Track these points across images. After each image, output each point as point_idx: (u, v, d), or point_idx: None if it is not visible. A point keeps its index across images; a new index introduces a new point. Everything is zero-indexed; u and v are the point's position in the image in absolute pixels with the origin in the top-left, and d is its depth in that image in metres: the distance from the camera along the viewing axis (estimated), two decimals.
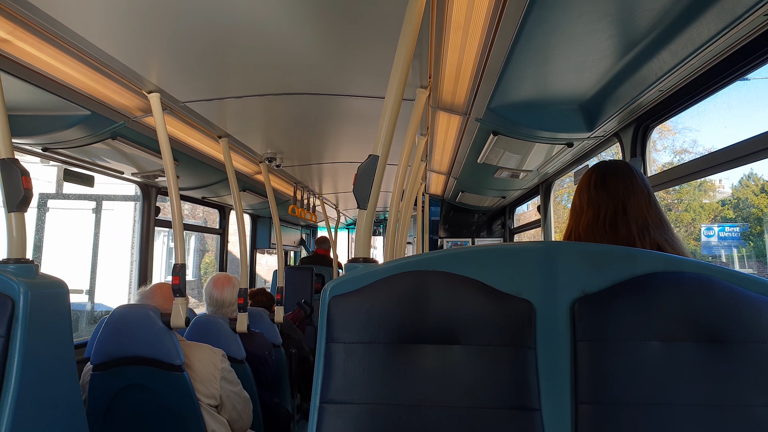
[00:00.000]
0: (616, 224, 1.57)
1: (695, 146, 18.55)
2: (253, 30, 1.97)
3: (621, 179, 1.64)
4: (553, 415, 1.15)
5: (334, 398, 1.18)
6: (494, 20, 1.79)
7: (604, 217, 1.59)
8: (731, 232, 12.68)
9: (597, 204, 1.62)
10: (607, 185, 1.64)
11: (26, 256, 1.76)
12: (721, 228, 12.87)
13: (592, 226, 1.60)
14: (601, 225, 1.58)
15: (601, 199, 1.62)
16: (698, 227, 14.93)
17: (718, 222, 14.06)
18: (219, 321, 3.18)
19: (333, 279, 1.32)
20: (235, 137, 3.45)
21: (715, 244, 12.63)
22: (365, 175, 1.54)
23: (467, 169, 4.17)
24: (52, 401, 1.73)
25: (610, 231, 1.56)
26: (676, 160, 18.95)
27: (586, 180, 1.71)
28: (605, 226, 1.58)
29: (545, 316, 1.19)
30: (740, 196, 14.39)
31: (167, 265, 18.93)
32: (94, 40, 1.98)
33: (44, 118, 2.68)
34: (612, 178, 1.65)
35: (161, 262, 18.67)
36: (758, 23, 1.56)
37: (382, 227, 9.99)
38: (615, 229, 1.56)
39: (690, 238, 15.98)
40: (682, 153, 19.40)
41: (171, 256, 19.41)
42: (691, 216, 15.94)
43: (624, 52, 1.94)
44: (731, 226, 13.04)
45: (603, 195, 1.63)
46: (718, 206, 15.35)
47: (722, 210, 14.71)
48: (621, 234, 1.54)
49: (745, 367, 1.11)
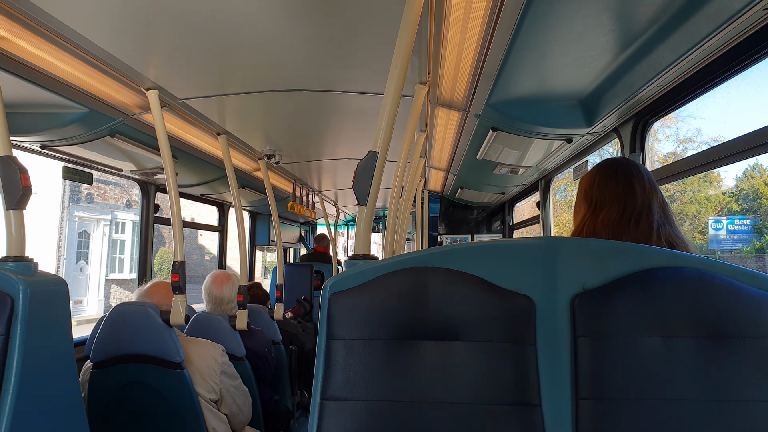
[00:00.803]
0: (640, 220, 1.56)
1: (699, 135, 18.40)
2: (252, 26, 1.96)
3: (645, 177, 1.64)
4: (554, 410, 1.15)
5: (335, 395, 1.18)
6: (493, 16, 1.78)
7: (630, 214, 1.58)
8: (742, 225, 12.23)
9: (624, 199, 1.61)
10: (635, 181, 1.63)
11: (25, 254, 1.76)
12: (731, 220, 12.43)
13: (615, 221, 1.58)
14: (626, 221, 1.57)
15: (630, 194, 1.61)
16: (703, 220, 14.60)
17: (724, 214, 13.71)
18: (218, 318, 3.18)
19: (333, 276, 1.31)
20: (234, 134, 3.45)
21: (724, 237, 12.18)
22: (365, 172, 1.54)
23: (466, 165, 4.17)
24: (52, 399, 1.73)
25: (634, 226, 1.55)
26: (679, 150, 18.77)
27: (610, 175, 1.68)
28: (630, 222, 1.56)
29: (545, 311, 1.19)
30: (744, 187, 14.10)
31: (108, 260, 18.19)
32: (92, 38, 1.97)
33: (42, 115, 2.68)
34: (638, 175, 1.64)
35: (100, 257, 17.88)
36: (757, 17, 1.56)
37: (381, 224, 9.99)
38: (638, 224, 1.55)
39: (695, 231, 15.69)
40: (686, 142, 19.22)
41: (115, 249, 18.60)
42: (695, 208, 15.66)
43: (623, 47, 1.94)
44: (741, 218, 12.65)
45: (630, 191, 1.61)
46: (724, 198, 15.03)
47: (729, 202, 14.36)
48: (643, 229, 1.54)
49: (746, 362, 1.11)
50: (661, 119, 2.44)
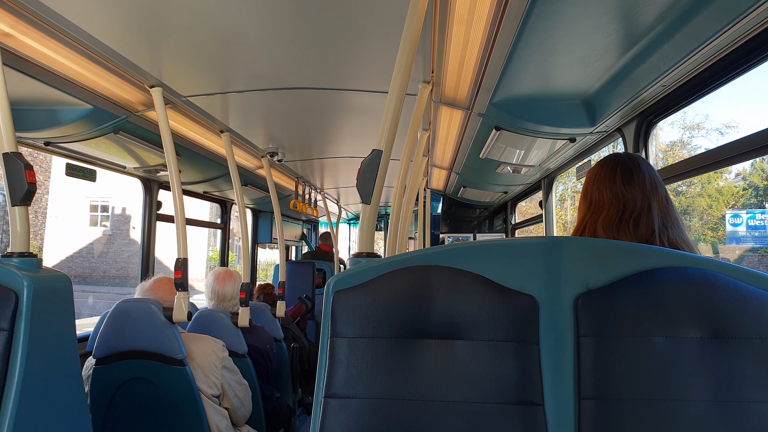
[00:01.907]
0: (639, 222, 1.54)
1: (708, 120, 18.03)
2: (256, 24, 1.97)
3: (646, 175, 1.60)
4: (557, 410, 1.15)
5: (338, 393, 1.19)
6: (497, 15, 1.78)
7: (630, 214, 1.55)
8: (764, 220, 11.21)
9: (624, 200, 1.58)
10: (635, 180, 1.59)
11: (29, 249, 1.77)
12: (751, 215, 11.48)
13: (616, 222, 1.56)
14: (626, 222, 1.54)
15: (629, 194, 1.58)
16: (715, 214, 13.88)
17: (737, 208, 12.86)
18: (220, 315, 3.19)
19: (335, 274, 1.31)
20: (237, 132, 3.46)
21: (743, 234, 11.25)
22: (369, 170, 1.55)
23: (469, 164, 4.17)
24: (56, 395, 1.74)
25: (633, 228, 1.53)
26: (686, 137, 18.53)
27: (609, 173, 1.65)
28: (630, 223, 1.54)
29: (549, 311, 1.19)
30: (753, 180, 13.51)
31: None
32: (97, 35, 1.98)
33: (47, 112, 2.69)
34: (638, 174, 1.61)
35: None
36: (763, 17, 1.55)
37: (384, 222, 9.99)
38: (638, 226, 1.53)
39: (705, 228, 15.10)
40: (693, 129, 18.93)
41: None
42: (707, 202, 15.08)
43: (627, 47, 1.94)
44: (763, 212, 11.69)
45: (631, 191, 1.58)
46: (738, 190, 14.34)
47: (743, 194, 13.66)
48: (642, 232, 1.52)
49: (749, 363, 1.11)
50: None
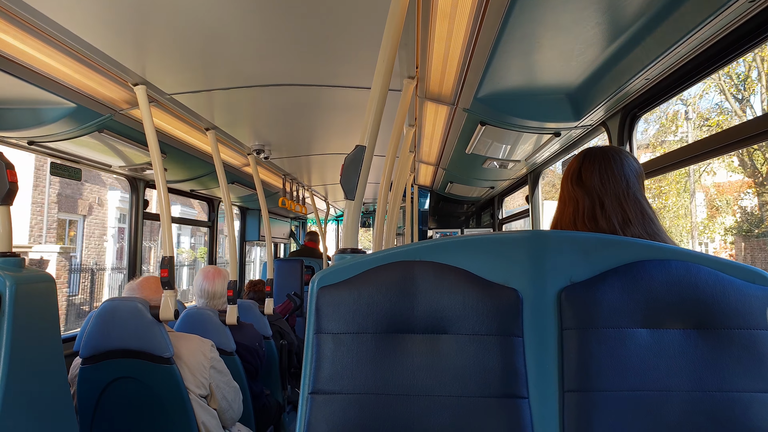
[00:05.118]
0: (595, 218, 1.54)
1: None
2: (240, 21, 1.96)
3: (597, 172, 1.60)
4: (541, 403, 1.16)
5: (323, 388, 1.19)
6: (480, 9, 1.78)
7: (583, 212, 1.56)
8: None
9: (575, 199, 1.60)
10: (582, 180, 1.60)
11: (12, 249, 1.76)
12: None
13: (574, 219, 1.58)
14: (581, 219, 1.56)
15: (578, 194, 1.59)
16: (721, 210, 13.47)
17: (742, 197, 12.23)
18: (208, 313, 3.18)
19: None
20: (223, 129, 3.44)
21: None
22: (352, 166, 1.54)
23: (456, 159, 4.17)
24: (41, 395, 1.73)
25: (590, 225, 1.55)
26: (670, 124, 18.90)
27: (568, 172, 1.68)
28: (584, 220, 1.56)
29: (532, 304, 1.19)
30: None
31: None
32: (79, 32, 1.96)
33: (29, 111, 2.66)
34: (587, 172, 1.61)
35: None
36: (743, 10, 1.56)
37: (371, 219, 9.98)
38: (595, 222, 1.54)
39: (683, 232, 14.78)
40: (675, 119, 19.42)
41: None
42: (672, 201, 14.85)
43: (610, 40, 1.95)
44: None
45: (579, 190, 1.60)
46: None
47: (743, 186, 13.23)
48: (602, 227, 1.53)
49: (732, 353, 1.12)
50: None
